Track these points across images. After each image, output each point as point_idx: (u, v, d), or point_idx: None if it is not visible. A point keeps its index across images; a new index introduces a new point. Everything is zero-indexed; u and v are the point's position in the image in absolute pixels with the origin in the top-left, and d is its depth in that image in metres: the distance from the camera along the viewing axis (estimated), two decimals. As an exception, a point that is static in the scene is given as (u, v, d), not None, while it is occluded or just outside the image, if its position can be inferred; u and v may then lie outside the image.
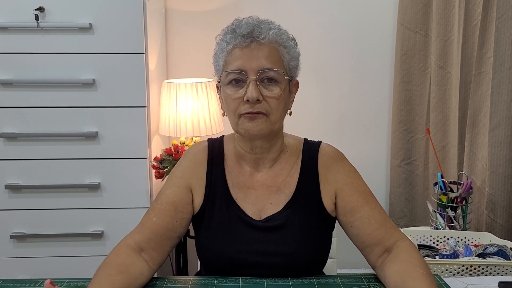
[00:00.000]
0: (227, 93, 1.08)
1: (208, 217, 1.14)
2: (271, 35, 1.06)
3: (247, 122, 1.07)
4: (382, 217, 1.11)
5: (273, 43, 1.07)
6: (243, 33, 1.05)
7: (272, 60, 1.06)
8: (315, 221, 1.13)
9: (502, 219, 1.91)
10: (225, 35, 1.10)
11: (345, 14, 2.25)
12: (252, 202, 1.14)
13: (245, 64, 1.05)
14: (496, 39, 1.86)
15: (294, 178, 1.15)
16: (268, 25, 1.08)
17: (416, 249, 1.07)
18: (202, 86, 1.98)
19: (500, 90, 1.88)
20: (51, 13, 1.75)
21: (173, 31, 2.25)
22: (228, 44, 1.08)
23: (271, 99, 1.06)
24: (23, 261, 1.89)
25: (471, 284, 1.08)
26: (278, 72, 1.06)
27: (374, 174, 2.37)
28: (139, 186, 1.87)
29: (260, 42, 1.05)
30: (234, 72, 1.06)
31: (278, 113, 1.08)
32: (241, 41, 1.05)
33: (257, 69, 1.05)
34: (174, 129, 1.97)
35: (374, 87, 2.31)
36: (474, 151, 2.02)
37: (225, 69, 1.08)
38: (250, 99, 1.04)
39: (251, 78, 1.05)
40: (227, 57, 1.08)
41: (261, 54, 1.05)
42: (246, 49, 1.05)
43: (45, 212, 1.87)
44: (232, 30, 1.08)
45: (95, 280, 0.97)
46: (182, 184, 1.15)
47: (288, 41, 1.10)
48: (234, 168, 1.17)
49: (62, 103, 1.81)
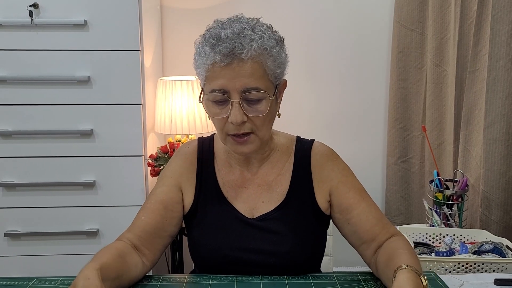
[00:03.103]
0: (210, 111, 1.04)
1: (200, 215, 1.14)
2: (253, 49, 0.98)
3: (235, 144, 1.05)
4: (378, 213, 1.12)
5: (256, 56, 0.99)
6: (223, 52, 0.97)
7: (256, 76, 0.99)
8: (309, 219, 1.13)
9: (497, 217, 1.91)
10: (204, 46, 1.01)
11: (341, 11, 2.24)
12: (243, 200, 1.13)
13: (227, 84, 0.99)
14: (492, 37, 1.86)
15: (287, 177, 1.14)
16: (250, 37, 0.98)
17: (407, 241, 1.08)
18: (198, 83, 1.97)
19: (495, 88, 1.88)
20: (45, 9, 1.73)
21: (169, 28, 2.25)
22: (207, 59, 1.00)
23: (257, 118, 1.02)
24: (18, 259, 1.88)
25: (467, 281, 1.08)
26: (262, 91, 1.00)
27: (370, 172, 2.38)
28: (135, 184, 1.86)
29: (242, 59, 0.97)
30: (216, 92, 1.01)
31: (265, 128, 1.06)
32: (221, 59, 0.98)
33: (240, 89, 0.99)
34: (169, 127, 1.96)
35: (370, 85, 2.31)
36: (468, 149, 2.03)
37: (207, 83, 1.03)
38: (234, 123, 1.00)
39: (234, 100, 0.99)
40: (207, 72, 1.01)
41: (243, 72, 0.98)
42: (228, 67, 0.98)
43: (40, 210, 1.86)
44: (211, 45, 0.99)
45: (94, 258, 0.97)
46: (171, 183, 1.15)
47: (274, 48, 1.02)
48: (224, 166, 1.16)
49: (57, 100, 1.79)
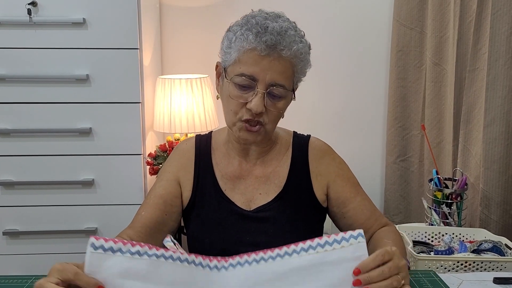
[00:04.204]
0: (231, 92, 1.05)
1: (197, 210, 1.15)
2: (293, 50, 1.01)
3: (244, 131, 1.06)
4: (371, 206, 1.16)
5: (292, 58, 1.02)
6: (268, 43, 0.99)
7: (286, 76, 1.03)
8: (306, 212, 1.14)
9: (496, 215, 1.91)
10: (247, 30, 1.02)
11: (340, 10, 2.24)
12: (241, 192, 1.14)
13: (259, 73, 1.01)
14: (491, 35, 1.86)
15: (284, 169, 1.16)
16: (293, 38, 1.02)
17: (394, 231, 1.11)
18: (197, 82, 1.97)
19: (494, 86, 1.88)
20: (44, 7, 1.73)
21: (168, 26, 2.24)
22: (247, 43, 1.01)
23: (273, 112, 1.05)
24: (16, 258, 1.88)
25: (466, 280, 1.08)
26: (286, 90, 1.04)
27: (369, 171, 2.38)
28: (133, 183, 1.86)
29: (281, 55, 1.01)
30: (245, 76, 1.02)
31: (274, 124, 1.09)
32: (263, 48, 0.99)
33: (269, 82, 1.01)
34: (168, 125, 1.96)
35: (370, 83, 2.31)
36: (468, 148, 2.02)
37: (236, 65, 1.04)
38: (254, 111, 1.02)
39: (260, 90, 1.02)
40: (242, 54, 1.02)
41: (277, 67, 1.01)
42: (265, 58, 1.00)
43: (39, 208, 1.86)
44: (257, 33, 1.00)
45: None
46: (170, 178, 1.16)
47: (307, 55, 1.06)
48: (222, 160, 1.17)
49: (55, 98, 1.79)
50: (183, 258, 0.78)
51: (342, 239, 0.78)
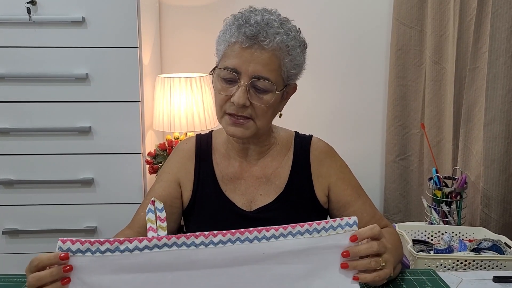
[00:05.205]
0: (216, 86, 1.06)
1: (198, 211, 1.15)
2: (276, 42, 1.00)
3: (230, 125, 1.06)
4: (372, 210, 1.15)
5: (277, 50, 1.01)
6: (248, 34, 0.99)
7: (270, 68, 1.01)
8: (307, 212, 1.14)
9: (496, 214, 1.91)
10: (231, 24, 1.03)
11: (340, 8, 2.24)
12: (241, 193, 1.14)
13: (241, 65, 1.01)
14: (491, 34, 1.85)
15: (286, 170, 1.15)
16: (277, 29, 1.01)
17: (393, 232, 1.10)
18: (197, 81, 1.96)
19: (495, 85, 1.87)
20: (43, 6, 1.73)
21: (167, 25, 2.24)
22: (231, 37, 1.02)
23: (258, 107, 1.03)
24: (16, 257, 1.88)
25: (465, 279, 1.07)
26: (270, 83, 1.02)
27: (369, 170, 2.37)
28: (133, 182, 1.86)
29: (263, 47, 1.00)
30: (228, 70, 1.02)
31: (265, 119, 1.06)
32: (243, 40, 1.00)
33: (251, 75, 1.01)
34: (168, 124, 1.96)
35: (369, 82, 2.31)
36: (468, 146, 2.02)
37: (222, 60, 1.05)
38: (236, 104, 1.01)
39: (243, 82, 1.01)
40: (227, 49, 1.04)
41: (259, 59, 1.00)
42: (247, 50, 1.00)
43: (38, 207, 1.86)
44: (238, 25, 1.01)
45: None
46: (170, 179, 1.15)
47: (295, 49, 1.04)
48: (223, 160, 1.17)
49: (55, 97, 1.79)
50: (161, 244, 0.76)
51: (338, 226, 0.81)
